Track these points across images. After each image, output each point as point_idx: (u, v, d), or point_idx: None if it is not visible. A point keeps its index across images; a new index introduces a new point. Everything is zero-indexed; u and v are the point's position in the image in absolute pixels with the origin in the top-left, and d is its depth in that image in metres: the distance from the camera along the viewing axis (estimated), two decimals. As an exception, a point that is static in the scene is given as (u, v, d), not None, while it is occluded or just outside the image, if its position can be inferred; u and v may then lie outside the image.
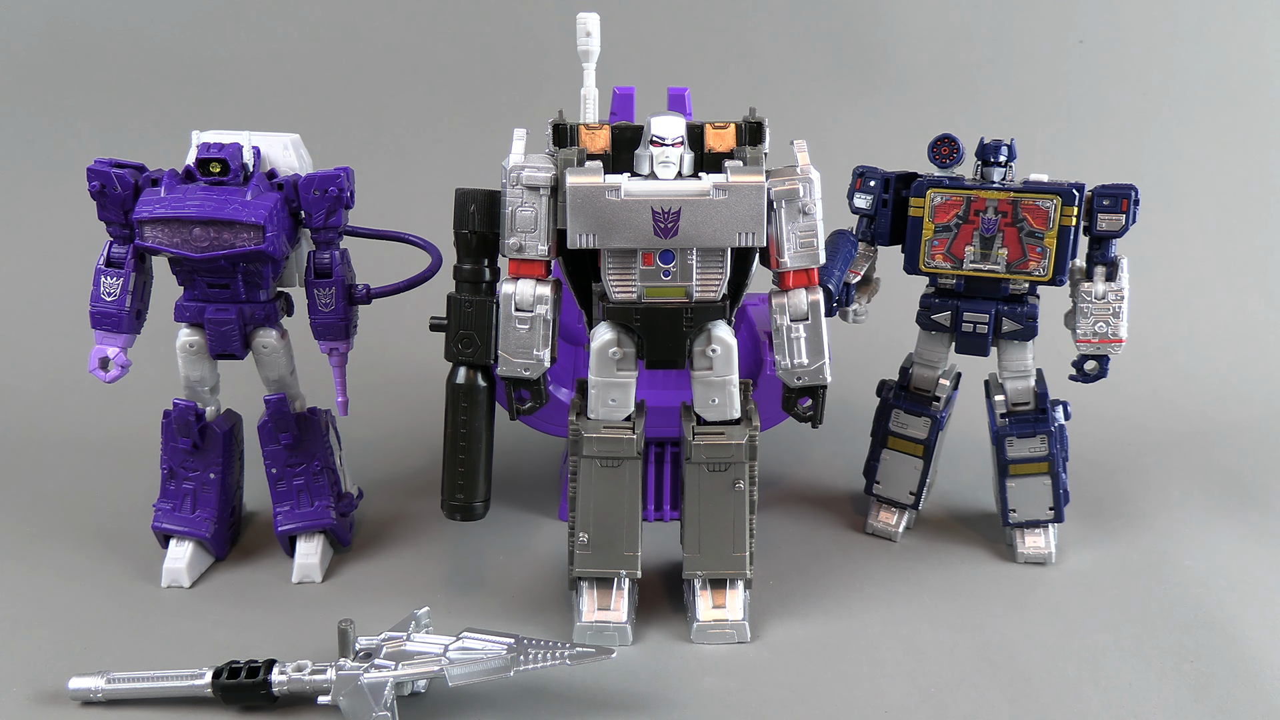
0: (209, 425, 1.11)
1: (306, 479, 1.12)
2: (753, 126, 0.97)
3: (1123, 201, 1.07)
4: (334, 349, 1.11)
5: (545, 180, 0.93)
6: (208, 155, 1.01)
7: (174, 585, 1.08)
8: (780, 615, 1.05)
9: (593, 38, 1.10)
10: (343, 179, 1.05)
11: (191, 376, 1.09)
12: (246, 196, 1.01)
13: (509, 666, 0.88)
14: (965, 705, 0.92)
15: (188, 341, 1.07)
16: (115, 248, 1.05)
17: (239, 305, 1.06)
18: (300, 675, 0.89)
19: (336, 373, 1.13)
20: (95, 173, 1.02)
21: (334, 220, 1.05)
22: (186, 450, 1.10)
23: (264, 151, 1.06)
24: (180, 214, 0.99)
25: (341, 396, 1.14)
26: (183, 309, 1.07)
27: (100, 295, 1.05)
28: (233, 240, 1.00)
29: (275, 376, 1.10)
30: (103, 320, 1.05)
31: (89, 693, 0.90)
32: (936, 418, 1.17)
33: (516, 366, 0.97)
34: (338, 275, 1.08)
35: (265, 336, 1.08)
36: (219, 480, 1.11)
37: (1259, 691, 0.94)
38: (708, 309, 0.95)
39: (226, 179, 1.02)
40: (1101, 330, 1.10)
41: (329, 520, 1.12)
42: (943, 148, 1.10)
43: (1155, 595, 1.08)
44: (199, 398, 1.10)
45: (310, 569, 1.11)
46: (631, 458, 0.99)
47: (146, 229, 1.01)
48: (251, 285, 1.06)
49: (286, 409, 1.11)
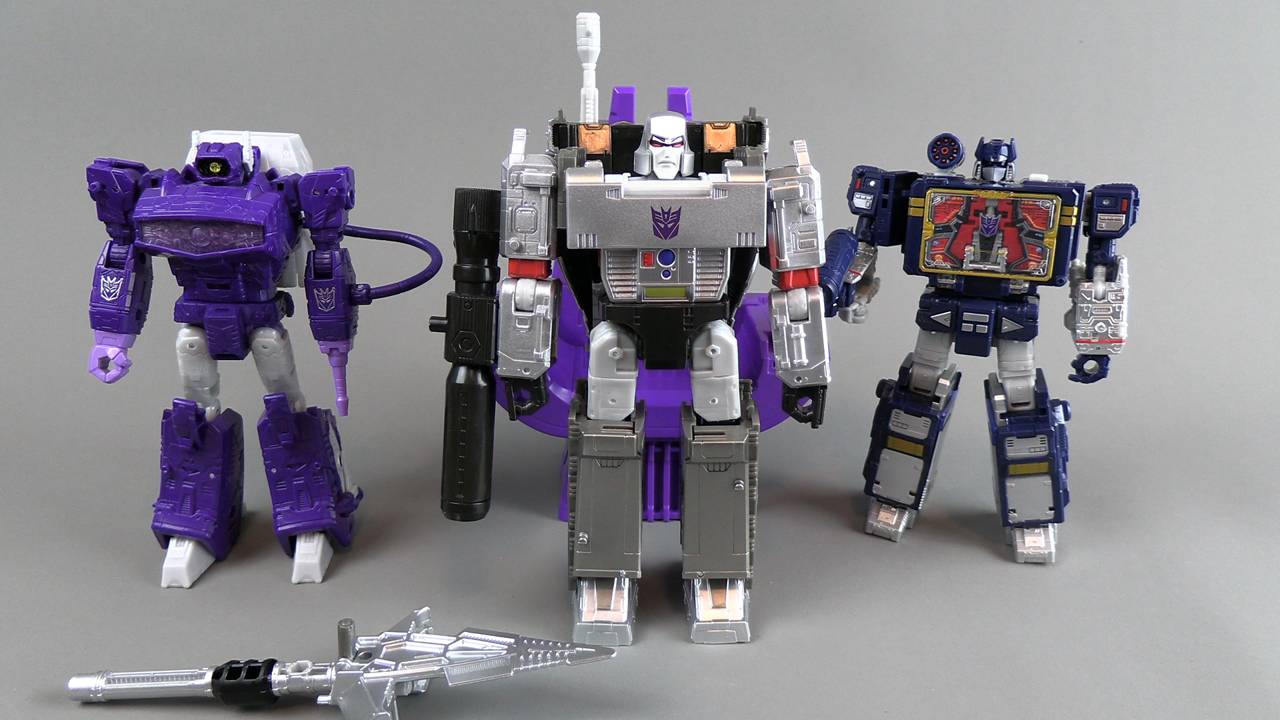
0: (209, 425, 1.11)
1: (307, 479, 1.12)
2: (753, 126, 0.96)
3: (1123, 201, 1.07)
4: (334, 349, 1.11)
5: (545, 180, 0.93)
6: (208, 155, 1.01)
7: (174, 585, 1.08)
8: (780, 615, 1.05)
9: (593, 38, 1.10)
10: (343, 179, 1.05)
11: (191, 376, 1.09)
12: (247, 196, 1.01)
13: (509, 666, 0.88)
14: (965, 705, 0.92)
15: (188, 341, 1.07)
16: (115, 248, 1.05)
17: (239, 305, 1.06)
18: (300, 675, 0.89)
19: (336, 373, 1.13)
20: (95, 173, 1.02)
21: (334, 220, 1.05)
22: (186, 450, 1.10)
23: (264, 151, 1.06)
24: (180, 214, 0.99)
25: (341, 396, 1.14)
26: (183, 309, 1.07)
27: (100, 295, 1.04)
28: (233, 240, 1.00)
29: (275, 376, 1.10)
30: (103, 320, 1.05)
31: (89, 693, 0.90)
32: (936, 418, 1.17)
33: (516, 366, 0.97)
34: (338, 275, 1.08)
35: (265, 336, 1.08)
36: (219, 480, 1.11)
37: (1259, 691, 0.94)
38: (708, 309, 0.95)
39: (226, 179, 1.02)
40: (1101, 330, 1.10)
41: (329, 520, 1.12)
42: (943, 148, 1.10)
43: (1155, 595, 1.08)
44: (199, 398, 1.10)
45: (310, 569, 1.11)
46: (631, 458, 0.99)
47: (146, 229, 1.01)
48: (251, 285, 1.06)
49: (287, 409, 1.11)
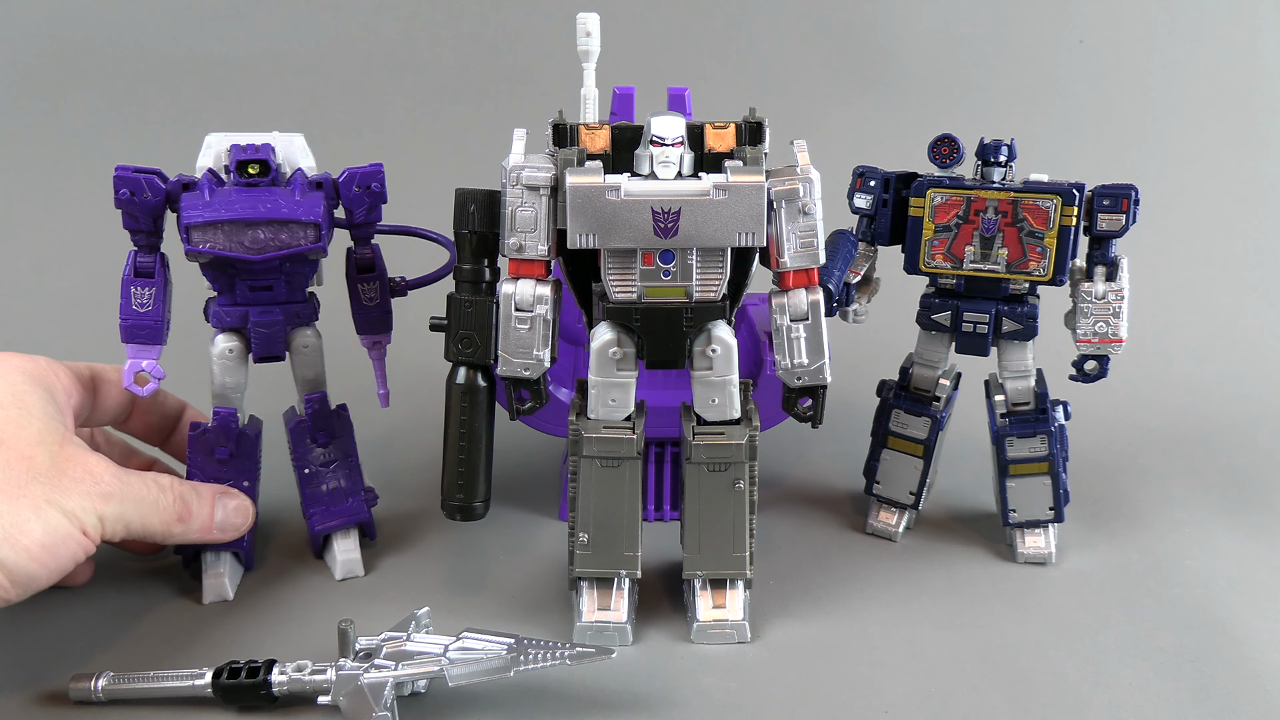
0: (243, 432, 1.09)
1: (341, 476, 1.12)
2: (753, 126, 0.96)
3: (1123, 201, 1.07)
4: (376, 342, 1.11)
5: (545, 180, 0.93)
6: (245, 157, 1.00)
7: (218, 599, 1.06)
8: (780, 615, 1.05)
9: (593, 38, 1.10)
10: (382, 174, 1.04)
11: (228, 383, 1.06)
12: (295, 196, 1.00)
13: (509, 666, 0.88)
14: (965, 705, 0.92)
15: (227, 348, 1.05)
16: (141, 257, 1.01)
17: (281, 306, 1.05)
18: (300, 675, 0.89)
19: (377, 366, 1.12)
20: (122, 180, 0.98)
21: (374, 216, 1.05)
22: (221, 460, 1.07)
23: (283, 153, 1.05)
24: (238, 216, 0.97)
25: (383, 389, 1.13)
26: (221, 315, 1.04)
27: (132, 308, 1.01)
28: (290, 240, 0.99)
29: (312, 376, 1.10)
30: (137, 333, 1.01)
31: (89, 693, 0.90)
32: (936, 418, 1.17)
33: (516, 366, 0.97)
34: (381, 268, 1.08)
35: (305, 336, 1.08)
36: (251, 488, 1.09)
37: (1259, 691, 0.94)
38: (708, 309, 0.95)
39: (262, 180, 1.00)
40: (1101, 330, 1.10)
41: (365, 514, 1.13)
42: (943, 148, 1.10)
43: (1155, 595, 1.08)
44: (231, 404, 1.07)
45: (353, 564, 1.11)
46: (631, 458, 0.99)
47: (195, 234, 0.97)
48: (294, 286, 1.05)
49: (328, 408, 1.11)
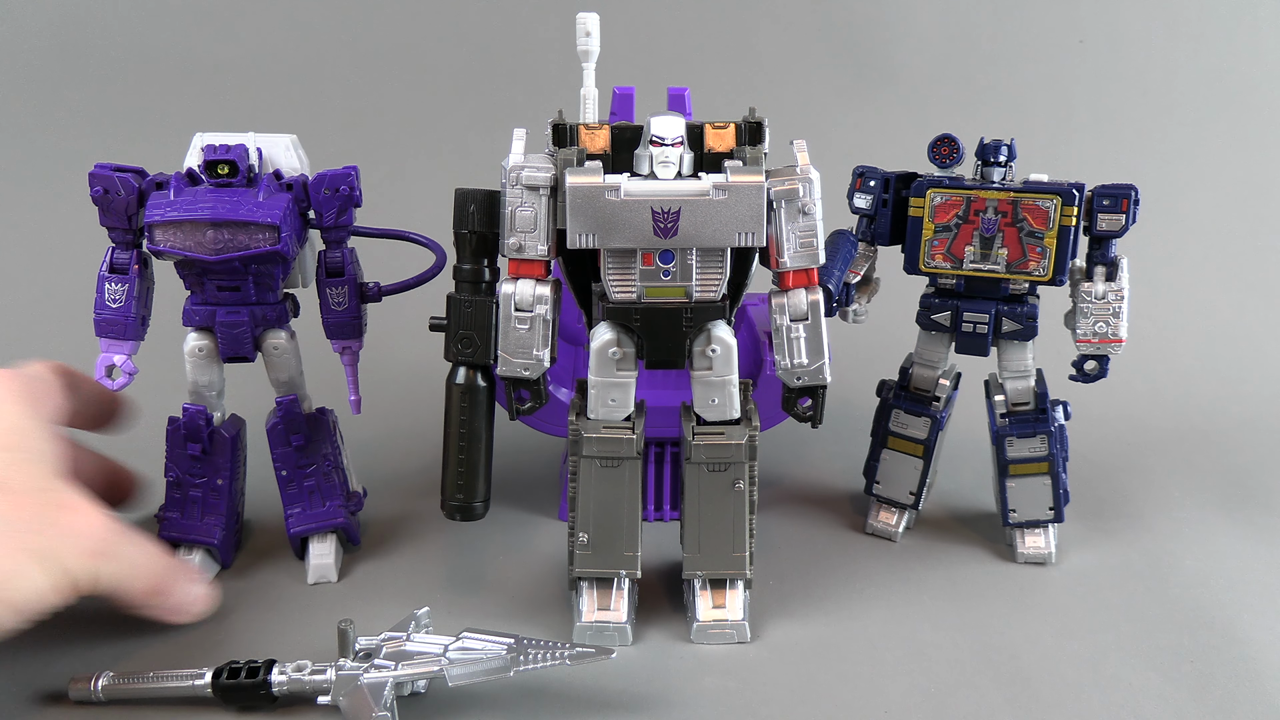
0: (217, 430, 1.09)
1: (317, 479, 1.12)
2: (753, 126, 0.96)
3: (1123, 201, 1.07)
4: (347, 347, 1.10)
5: (545, 180, 0.93)
6: (215, 157, 1.00)
7: None
8: (780, 615, 1.05)
9: (592, 38, 1.10)
10: (353, 177, 1.04)
11: (200, 381, 1.07)
12: (259, 197, 1.00)
13: (509, 666, 0.88)
14: (965, 705, 0.92)
15: (196, 346, 1.06)
16: (118, 254, 1.03)
17: (249, 307, 1.05)
18: (300, 675, 0.89)
19: (349, 371, 1.12)
20: (97, 177, 1.00)
21: (345, 219, 1.05)
22: (194, 456, 1.09)
23: (266, 152, 1.06)
24: (194, 216, 0.98)
25: (354, 395, 1.13)
26: (191, 314, 1.05)
27: (105, 302, 1.03)
28: (248, 241, 1.00)
29: (285, 378, 1.10)
30: (108, 328, 1.04)
31: (89, 693, 0.90)
32: (936, 418, 1.17)
33: (516, 366, 0.97)
34: (350, 273, 1.07)
35: (275, 338, 1.07)
36: (226, 486, 1.10)
37: (1259, 691, 0.94)
38: (707, 309, 0.95)
39: (234, 180, 1.01)
40: (1101, 330, 1.10)
41: (342, 520, 1.12)
42: (942, 148, 1.10)
43: (1155, 595, 1.08)
44: (206, 403, 1.08)
45: (326, 569, 1.10)
46: (631, 458, 0.99)
47: (158, 232, 0.99)
48: (262, 287, 1.05)
49: (298, 410, 1.10)
